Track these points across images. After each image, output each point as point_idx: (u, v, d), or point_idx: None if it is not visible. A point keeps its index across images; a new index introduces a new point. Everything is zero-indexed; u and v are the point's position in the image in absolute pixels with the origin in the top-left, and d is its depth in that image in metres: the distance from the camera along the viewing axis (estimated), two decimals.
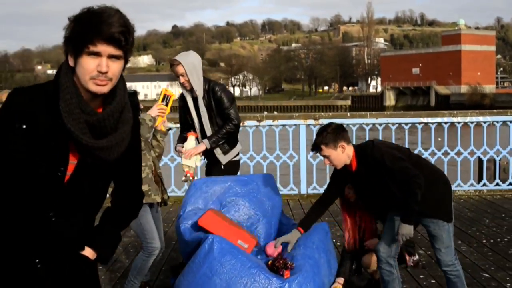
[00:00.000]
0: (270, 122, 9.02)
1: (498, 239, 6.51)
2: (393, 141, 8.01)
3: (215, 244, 3.77)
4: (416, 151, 8.69)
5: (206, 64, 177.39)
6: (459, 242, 6.36)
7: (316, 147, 3.95)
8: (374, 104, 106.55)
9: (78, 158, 2.05)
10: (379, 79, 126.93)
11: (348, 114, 9.36)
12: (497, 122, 9.22)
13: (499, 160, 9.83)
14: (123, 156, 2.13)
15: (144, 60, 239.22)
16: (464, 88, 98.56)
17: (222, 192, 4.51)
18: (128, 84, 2.21)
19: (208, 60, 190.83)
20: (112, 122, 2.04)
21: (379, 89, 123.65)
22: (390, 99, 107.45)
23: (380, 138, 7.37)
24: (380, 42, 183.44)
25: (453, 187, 9.25)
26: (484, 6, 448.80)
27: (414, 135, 9.44)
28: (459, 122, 9.18)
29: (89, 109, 2.00)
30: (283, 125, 9.11)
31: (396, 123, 9.11)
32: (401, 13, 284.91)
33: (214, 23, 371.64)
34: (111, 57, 1.96)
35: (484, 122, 9.19)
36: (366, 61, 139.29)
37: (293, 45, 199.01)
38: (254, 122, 9.00)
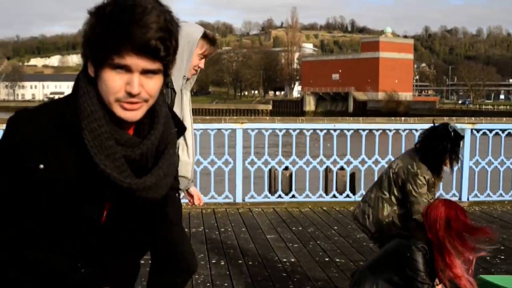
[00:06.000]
0: None
1: None
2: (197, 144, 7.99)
3: None
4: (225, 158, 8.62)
5: None
6: None
7: None
8: (295, 109, 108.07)
9: (113, 194, 1.51)
10: None
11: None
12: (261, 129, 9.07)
13: (282, 170, 9.97)
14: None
15: (73, 59, 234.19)
16: (381, 95, 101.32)
17: None
18: (55, 83, 1.60)
19: None
20: (155, 150, 1.50)
21: None
22: (310, 104, 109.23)
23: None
24: (309, 47, 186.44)
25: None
26: (415, 16, 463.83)
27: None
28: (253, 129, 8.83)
29: (126, 138, 1.44)
30: None
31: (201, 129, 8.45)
32: (332, 19, 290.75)
33: None
34: (145, 72, 1.39)
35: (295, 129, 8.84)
36: (290, 66, 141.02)
37: (223, 48, 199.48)
38: None
